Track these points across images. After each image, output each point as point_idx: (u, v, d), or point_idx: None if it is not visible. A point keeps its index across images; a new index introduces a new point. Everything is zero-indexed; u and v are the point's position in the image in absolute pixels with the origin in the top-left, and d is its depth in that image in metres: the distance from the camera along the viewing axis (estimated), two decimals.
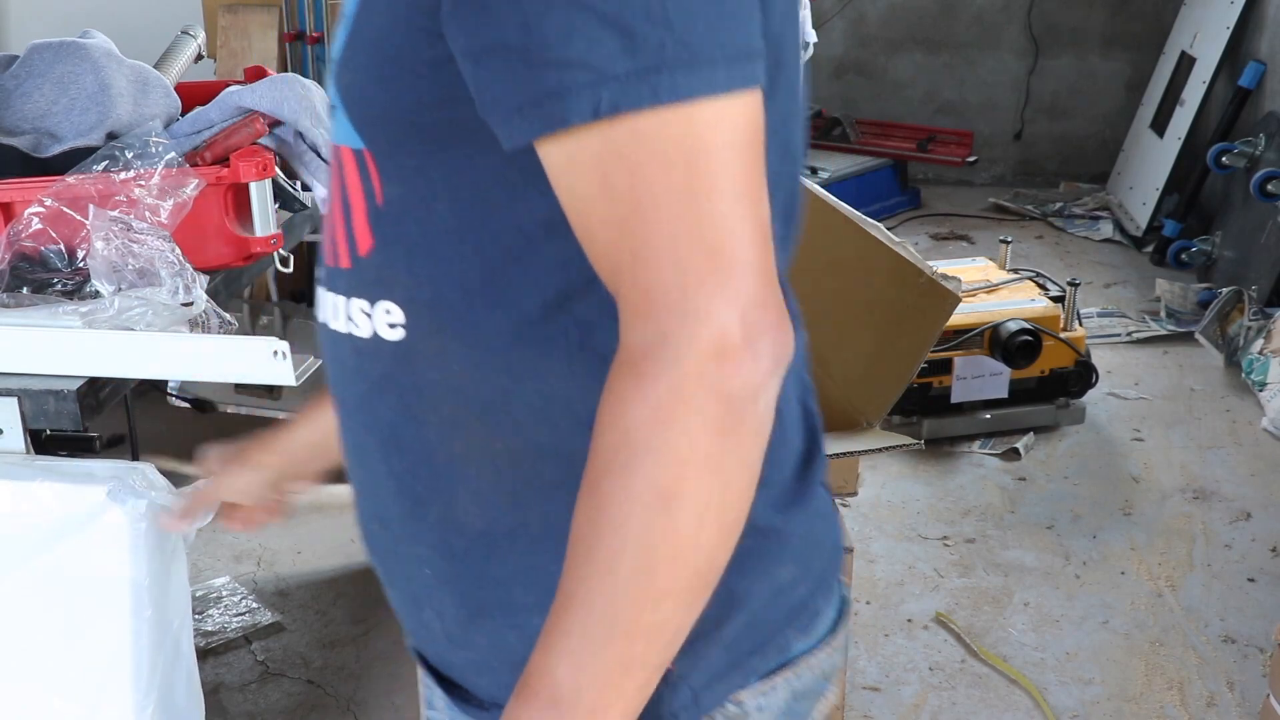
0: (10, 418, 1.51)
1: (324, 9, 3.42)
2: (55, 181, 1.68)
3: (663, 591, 0.71)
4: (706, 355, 0.68)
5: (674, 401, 0.69)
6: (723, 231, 0.68)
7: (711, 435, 0.69)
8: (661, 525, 0.70)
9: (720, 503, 0.71)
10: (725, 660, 0.84)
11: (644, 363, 0.69)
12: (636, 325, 0.70)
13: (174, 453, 1.57)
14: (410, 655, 1.02)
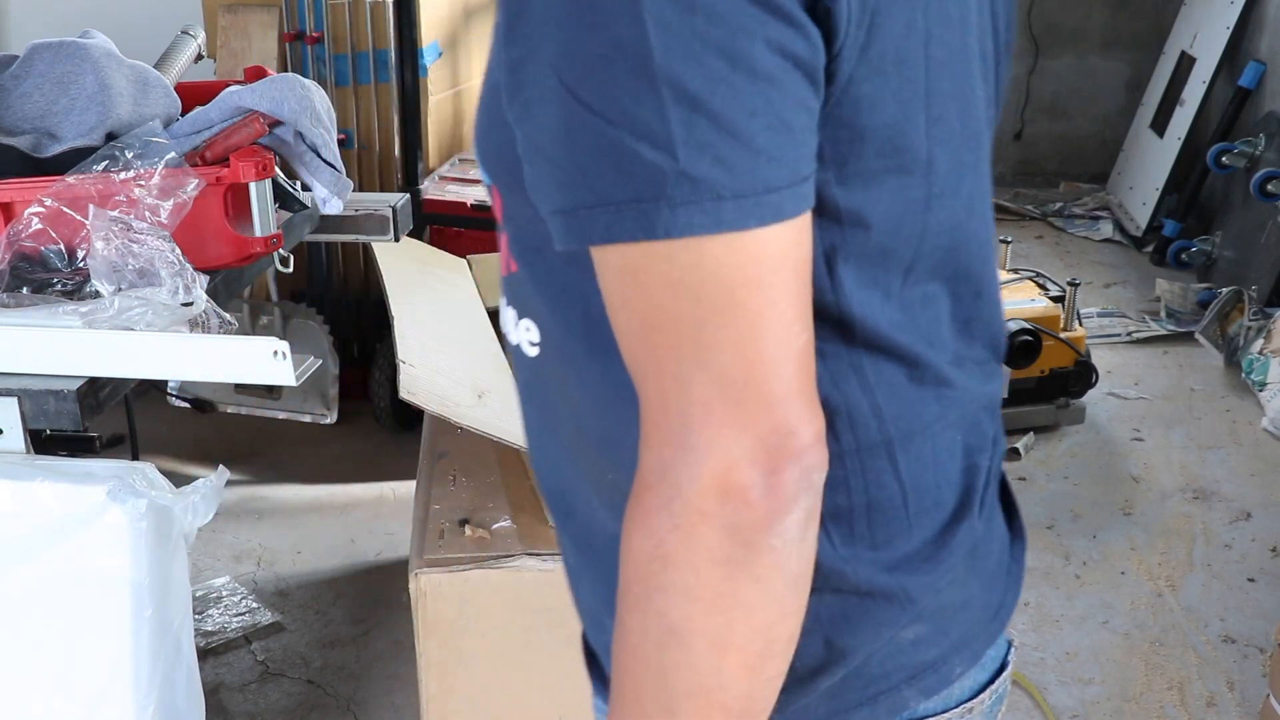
0: (10, 418, 1.51)
1: (324, 9, 3.41)
2: (55, 181, 1.68)
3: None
4: (708, 491, 0.66)
5: (675, 538, 0.67)
6: (736, 361, 0.66)
7: (718, 572, 0.67)
8: (676, 661, 0.69)
9: (739, 638, 0.68)
10: (825, 710, 0.83)
11: (646, 494, 0.68)
12: (646, 451, 0.69)
13: (174, 452, 1.57)
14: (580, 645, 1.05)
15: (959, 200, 0.79)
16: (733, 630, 0.68)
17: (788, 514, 0.67)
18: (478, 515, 1.68)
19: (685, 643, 0.68)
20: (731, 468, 0.66)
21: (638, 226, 0.65)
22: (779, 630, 0.70)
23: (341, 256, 3.63)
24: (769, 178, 0.65)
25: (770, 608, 0.69)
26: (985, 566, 0.89)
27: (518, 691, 1.66)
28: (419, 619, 1.60)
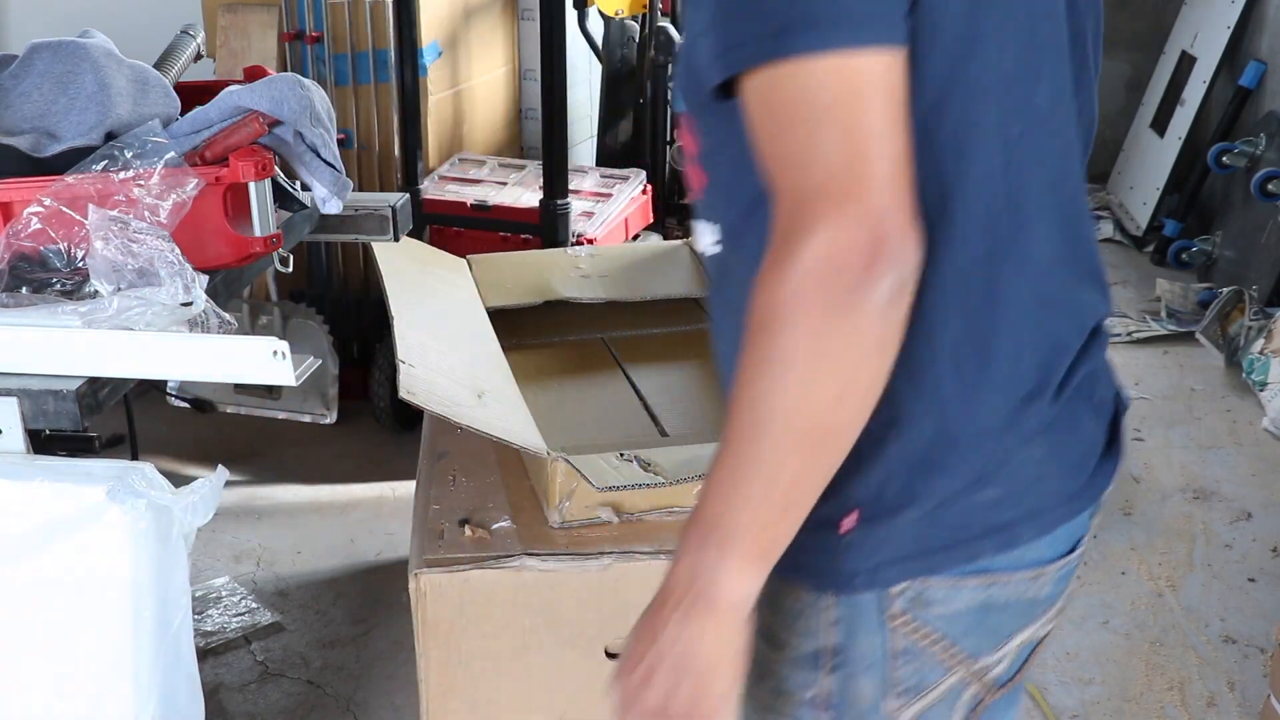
0: (10, 418, 1.51)
1: (324, 8, 3.41)
2: (55, 181, 1.68)
3: (776, 443, 0.86)
4: (817, 256, 0.82)
5: (786, 291, 0.83)
6: (842, 153, 0.83)
7: (816, 322, 0.83)
8: (770, 387, 0.85)
9: (823, 376, 0.85)
10: (906, 545, 0.97)
11: (769, 264, 0.85)
12: (773, 235, 0.85)
13: (173, 453, 1.57)
14: None
15: (1033, 108, 0.95)
16: (819, 368, 0.84)
17: (878, 282, 0.83)
18: (478, 515, 1.68)
19: (781, 373, 0.84)
20: (836, 238, 0.82)
21: (765, 51, 0.84)
22: (857, 381, 0.86)
23: (341, 256, 3.63)
24: (867, 12, 0.84)
25: (851, 358, 0.85)
26: (1066, 455, 1.02)
27: (518, 691, 1.66)
28: (419, 619, 1.60)
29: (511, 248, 3.24)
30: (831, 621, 0.99)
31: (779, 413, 0.86)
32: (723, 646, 0.92)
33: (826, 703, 1.02)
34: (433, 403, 1.57)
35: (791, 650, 1.02)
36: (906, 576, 0.98)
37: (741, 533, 0.89)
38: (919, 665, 1.00)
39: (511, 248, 3.24)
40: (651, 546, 1.61)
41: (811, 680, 1.02)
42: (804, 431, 0.87)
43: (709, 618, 0.90)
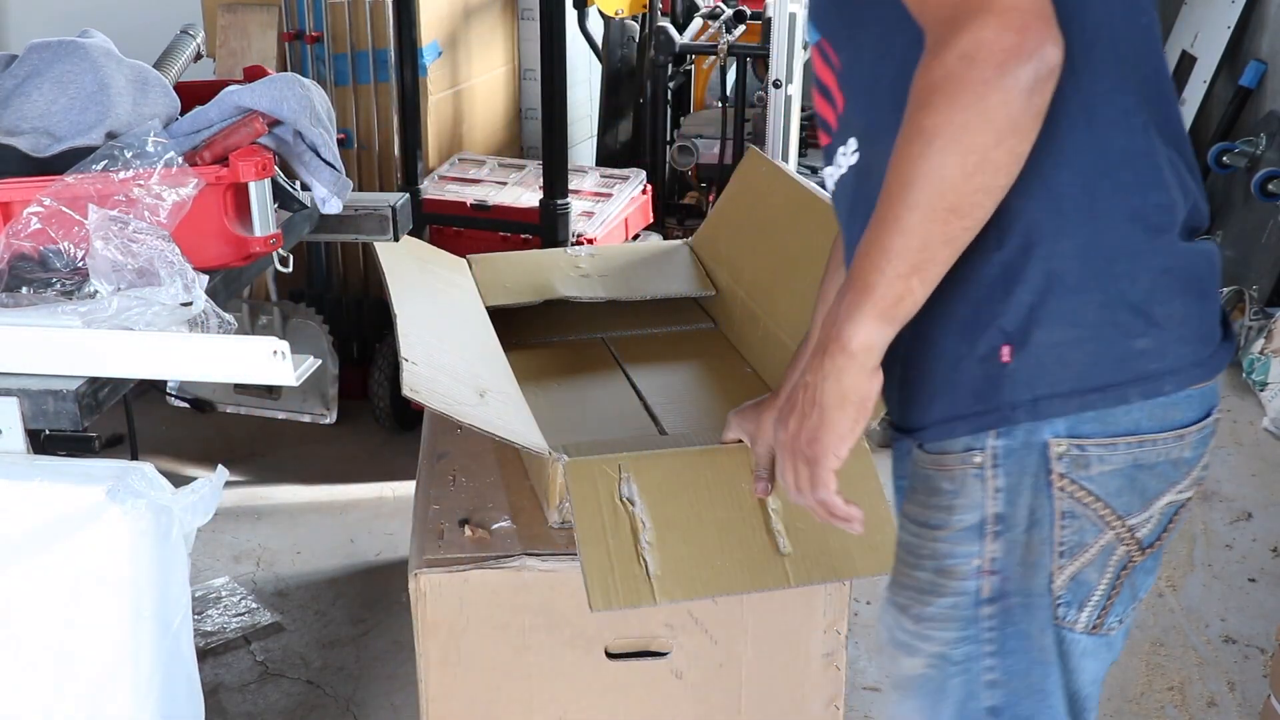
0: (10, 418, 1.51)
1: (323, 8, 3.41)
2: (54, 181, 1.68)
3: (913, 206, 1.00)
4: (969, 43, 0.96)
5: (939, 74, 0.97)
6: None
7: (963, 98, 0.96)
8: (916, 156, 0.99)
9: (962, 147, 0.97)
10: (1063, 381, 1.08)
11: (927, 53, 0.99)
12: (929, 35, 0.99)
13: (173, 453, 1.57)
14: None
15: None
16: (960, 141, 0.97)
17: (1020, 69, 0.96)
18: (478, 515, 1.67)
19: (926, 143, 0.98)
20: (984, 31, 0.95)
21: None
22: (992, 157, 0.98)
23: (341, 256, 3.63)
24: None
25: (990, 135, 0.97)
26: (1196, 323, 1.12)
27: (518, 691, 1.66)
28: (419, 619, 1.60)
29: (511, 248, 3.24)
30: (995, 490, 1.10)
31: (919, 178, 0.99)
32: (850, 386, 1.08)
33: (992, 568, 1.12)
34: (435, 400, 1.57)
35: (952, 527, 1.13)
36: (1064, 412, 1.08)
37: (874, 286, 1.03)
38: (1078, 525, 1.11)
39: (511, 248, 3.24)
40: None
41: (976, 550, 1.13)
42: (939, 197, 0.99)
43: (840, 357, 1.07)
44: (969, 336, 1.10)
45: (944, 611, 1.17)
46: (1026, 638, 1.15)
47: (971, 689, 1.17)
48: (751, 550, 1.60)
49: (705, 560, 1.59)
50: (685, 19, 3.98)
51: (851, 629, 1.72)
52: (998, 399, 1.09)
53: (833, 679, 1.70)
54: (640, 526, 1.59)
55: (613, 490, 1.63)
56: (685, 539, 1.60)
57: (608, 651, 1.65)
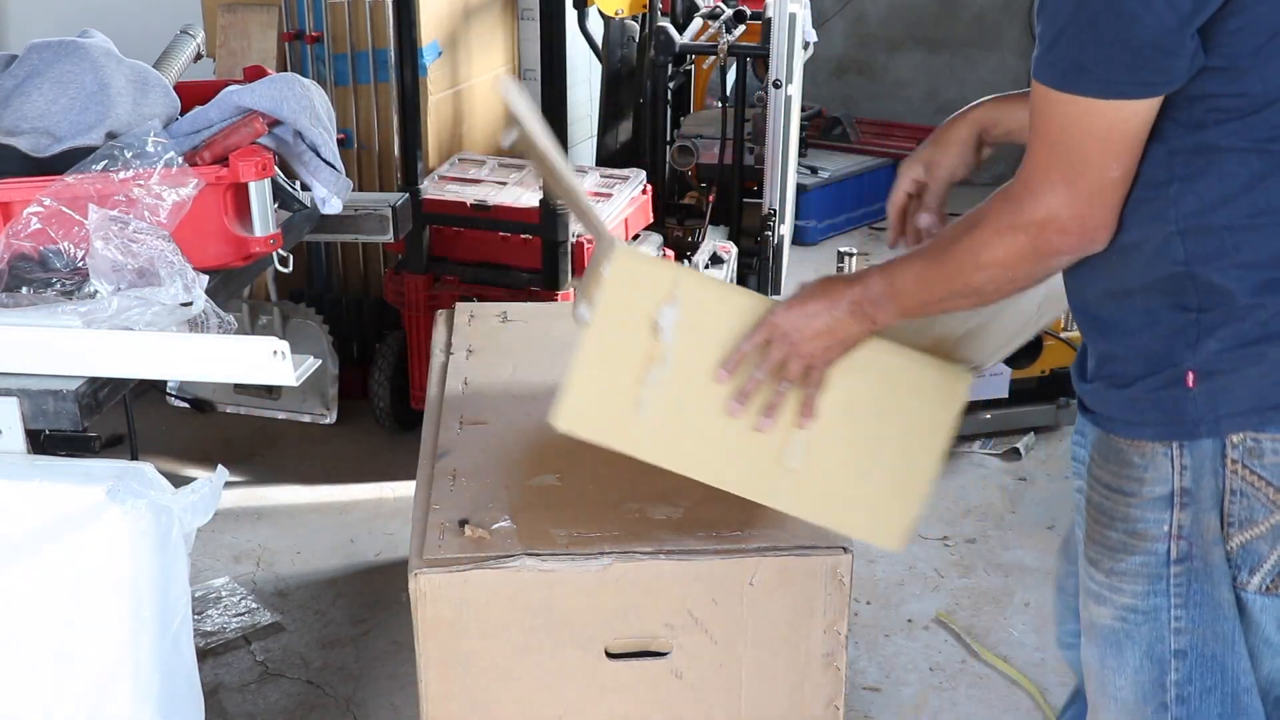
0: (10, 418, 1.51)
1: (323, 8, 3.41)
2: (54, 181, 1.68)
3: (951, 282, 1.35)
4: (1035, 217, 1.25)
5: (1010, 229, 1.27)
6: (1077, 163, 1.23)
7: (1014, 255, 1.28)
8: (970, 258, 1.32)
9: (995, 275, 1.31)
10: (1242, 402, 1.24)
11: (1009, 200, 1.27)
12: (1018, 179, 1.27)
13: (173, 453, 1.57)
14: None
15: None
16: (991, 270, 1.31)
17: (1071, 254, 1.28)
18: (478, 515, 1.67)
19: (982, 259, 1.31)
20: (1052, 212, 1.24)
21: (1058, 81, 1.21)
22: (1010, 288, 1.34)
23: (341, 256, 3.63)
24: (1132, 77, 1.18)
25: (1023, 280, 1.32)
26: None
27: (517, 691, 1.66)
28: (418, 619, 1.60)
29: (512, 247, 3.24)
30: (1181, 468, 1.28)
31: (962, 274, 1.33)
32: (855, 339, 1.47)
33: (1180, 533, 1.29)
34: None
35: (1144, 496, 1.30)
36: (1243, 429, 1.25)
37: (907, 302, 1.41)
38: (1247, 503, 1.26)
39: (512, 247, 3.24)
40: (651, 546, 1.61)
41: (1166, 518, 1.29)
42: (969, 293, 1.35)
43: (864, 323, 1.45)
44: (1159, 366, 1.28)
45: (1134, 568, 1.33)
46: (1209, 594, 1.30)
47: (1159, 633, 1.33)
48: (757, 447, 1.53)
49: (704, 433, 1.52)
50: (685, 19, 3.98)
51: (851, 629, 1.72)
52: (1183, 416, 1.27)
53: (833, 679, 1.70)
54: (659, 362, 1.50)
55: (651, 307, 1.49)
56: (697, 400, 1.51)
57: (608, 651, 1.65)
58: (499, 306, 2.40)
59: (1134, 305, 1.30)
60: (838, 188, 5.15)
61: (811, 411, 1.51)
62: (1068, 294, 1.41)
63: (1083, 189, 1.23)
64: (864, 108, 5.93)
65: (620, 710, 1.69)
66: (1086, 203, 1.23)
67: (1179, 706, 1.34)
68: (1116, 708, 1.39)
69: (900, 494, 1.57)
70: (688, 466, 1.54)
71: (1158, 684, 1.35)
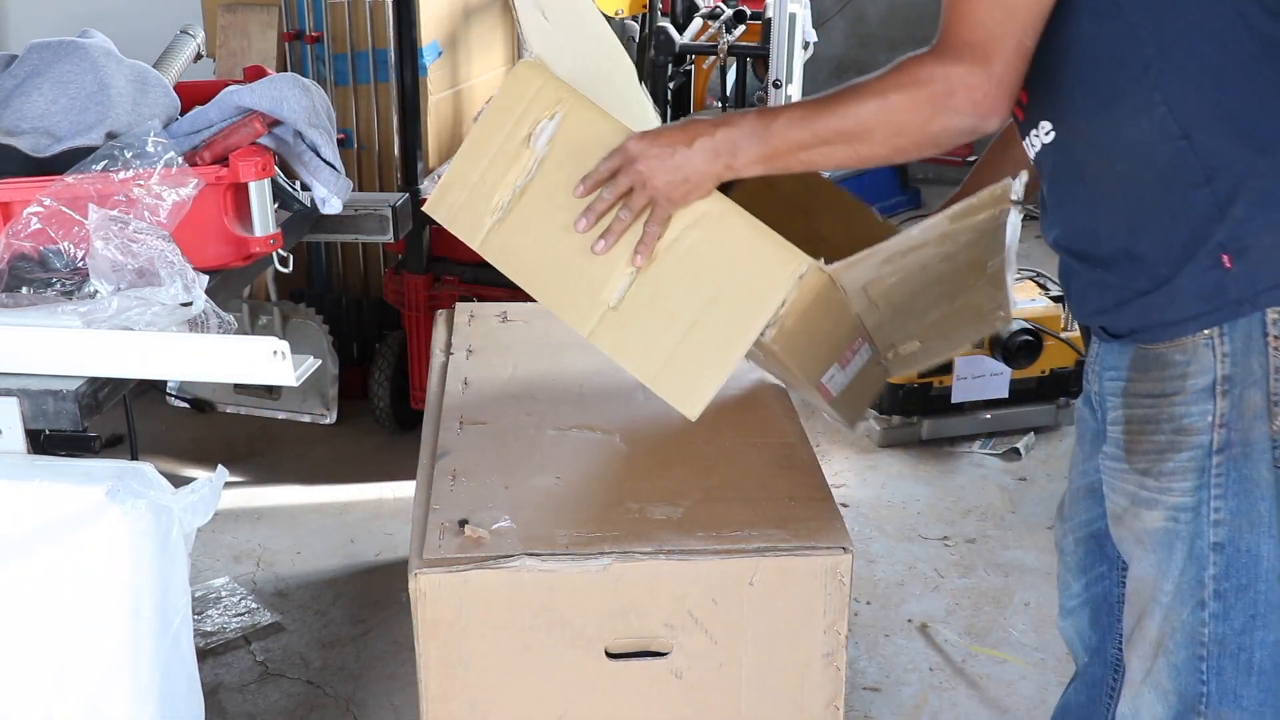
0: (10, 418, 1.51)
1: (323, 8, 3.41)
2: (54, 181, 1.68)
3: (831, 127, 1.39)
4: (946, 78, 1.29)
5: (912, 79, 1.32)
6: (987, 36, 1.27)
7: (924, 111, 1.32)
8: (867, 100, 1.36)
9: (894, 126, 1.34)
10: (1276, 275, 1.29)
11: (924, 57, 1.32)
12: (938, 42, 1.31)
13: (173, 453, 1.57)
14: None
15: None
16: (895, 123, 1.35)
17: (969, 123, 1.31)
18: (478, 515, 1.67)
19: (881, 102, 1.35)
20: (975, 76, 1.28)
21: None
22: (903, 144, 1.37)
23: (341, 256, 3.63)
24: None
25: (916, 139, 1.35)
26: None
27: (517, 692, 1.66)
28: (418, 619, 1.60)
29: None
30: (1223, 355, 1.32)
31: (853, 114, 1.36)
32: (709, 180, 1.47)
33: (1223, 420, 1.33)
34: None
35: (1188, 391, 1.35)
36: (1276, 301, 1.30)
37: (776, 147, 1.42)
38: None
39: None
40: (651, 546, 1.61)
41: (1209, 408, 1.34)
42: (853, 135, 1.37)
43: (725, 157, 1.45)
44: (1190, 254, 1.31)
45: (1182, 465, 1.37)
46: (1248, 480, 1.35)
47: (1199, 528, 1.37)
48: (586, 276, 1.56)
49: (545, 250, 1.57)
50: (685, 19, 3.98)
51: (851, 629, 1.72)
52: (1225, 297, 1.31)
53: (833, 679, 1.70)
54: (524, 172, 1.57)
55: (533, 119, 1.57)
56: (548, 217, 1.56)
57: (608, 651, 1.65)
58: (499, 306, 2.40)
59: (1152, 207, 1.33)
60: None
61: (648, 251, 1.52)
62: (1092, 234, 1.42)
63: (1000, 57, 1.28)
64: None
65: (620, 710, 1.69)
66: (1002, 70, 1.28)
67: (1215, 602, 1.39)
68: (1157, 609, 1.42)
69: (706, 360, 1.54)
70: (524, 280, 1.58)
71: (1196, 581, 1.39)
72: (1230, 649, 1.39)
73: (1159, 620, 1.43)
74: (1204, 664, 1.40)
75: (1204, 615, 1.39)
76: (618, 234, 1.53)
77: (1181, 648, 1.41)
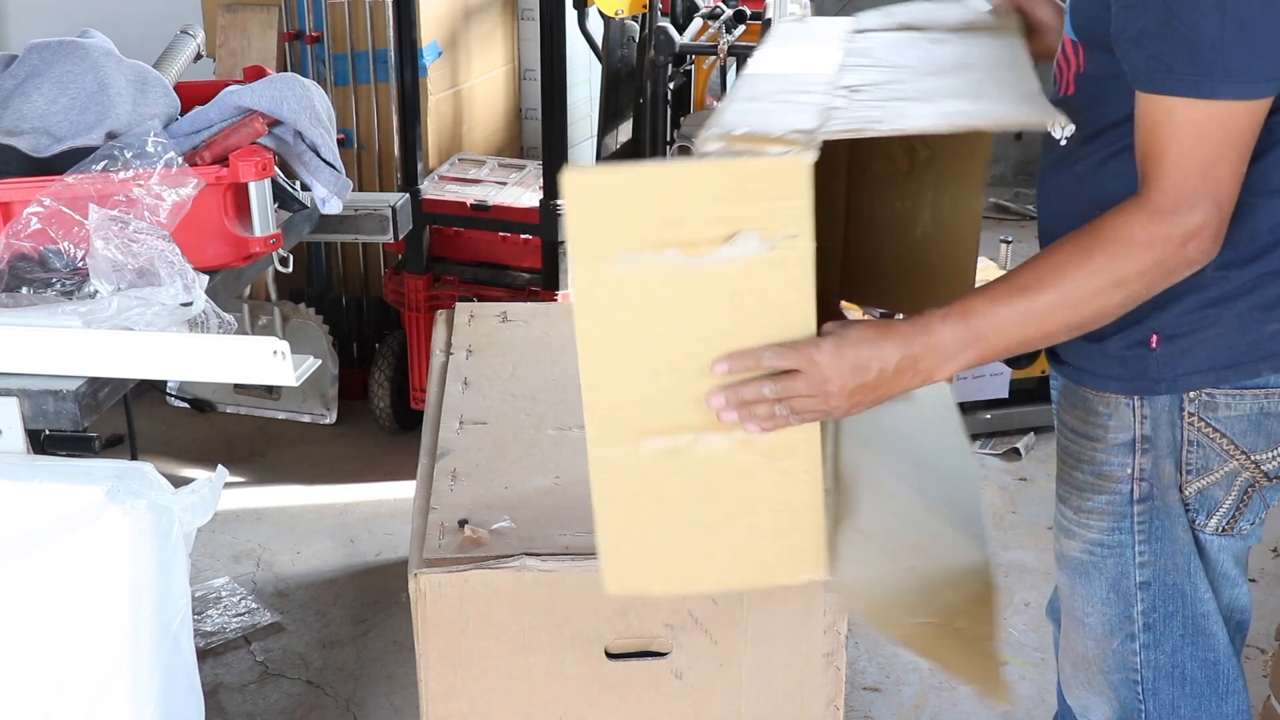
0: (10, 418, 1.51)
1: (323, 8, 3.41)
2: (55, 181, 1.68)
3: (1059, 314, 1.23)
4: (1189, 227, 1.20)
5: (1154, 242, 1.21)
6: (1219, 169, 1.20)
7: (1154, 275, 1.22)
8: (1094, 279, 1.22)
9: (1122, 293, 1.23)
10: (1201, 361, 1.32)
11: (1154, 213, 1.20)
12: (1159, 191, 1.21)
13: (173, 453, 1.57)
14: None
15: None
16: (1131, 297, 1.24)
17: (1195, 264, 1.23)
18: (478, 515, 1.67)
19: (1114, 281, 1.22)
20: (1203, 223, 1.20)
21: (1190, 88, 1.18)
22: (1131, 302, 1.25)
23: (341, 256, 3.63)
24: (1262, 72, 1.18)
25: (1143, 296, 1.24)
26: None
27: (518, 692, 1.66)
28: (419, 619, 1.60)
29: (512, 248, 3.24)
30: (1142, 418, 1.36)
31: (1084, 303, 1.23)
32: (895, 396, 1.26)
33: (1142, 475, 1.38)
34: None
35: (1108, 442, 1.38)
36: (1199, 386, 1.32)
37: (986, 343, 1.24)
38: (1203, 453, 1.35)
39: (512, 248, 3.24)
40: None
41: (1128, 461, 1.38)
42: (1082, 320, 1.24)
43: (914, 380, 1.25)
44: (1126, 325, 1.32)
45: (1100, 506, 1.41)
46: (1169, 531, 1.39)
47: (1124, 568, 1.42)
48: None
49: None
50: (685, 19, 3.98)
51: (851, 629, 1.72)
52: (1145, 375, 1.34)
53: (833, 679, 1.70)
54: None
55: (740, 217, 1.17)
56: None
57: (608, 651, 1.65)
58: (499, 306, 2.40)
59: None
60: None
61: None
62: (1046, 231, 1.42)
63: (1226, 196, 1.21)
64: None
65: (620, 710, 1.69)
66: (1227, 209, 1.21)
67: (1145, 634, 1.44)
68: (1085, 632, 1.48)
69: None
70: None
71: (1125, 616, 1.44)
72: (1164, 670, 1.45)
73: (1091, 645, 1.48)
74: (1139, 687, 1.46)
75: (1135, 646, 1.45)
76: (765, 426, 1.24)
77: (1115, 671, 1.47)
